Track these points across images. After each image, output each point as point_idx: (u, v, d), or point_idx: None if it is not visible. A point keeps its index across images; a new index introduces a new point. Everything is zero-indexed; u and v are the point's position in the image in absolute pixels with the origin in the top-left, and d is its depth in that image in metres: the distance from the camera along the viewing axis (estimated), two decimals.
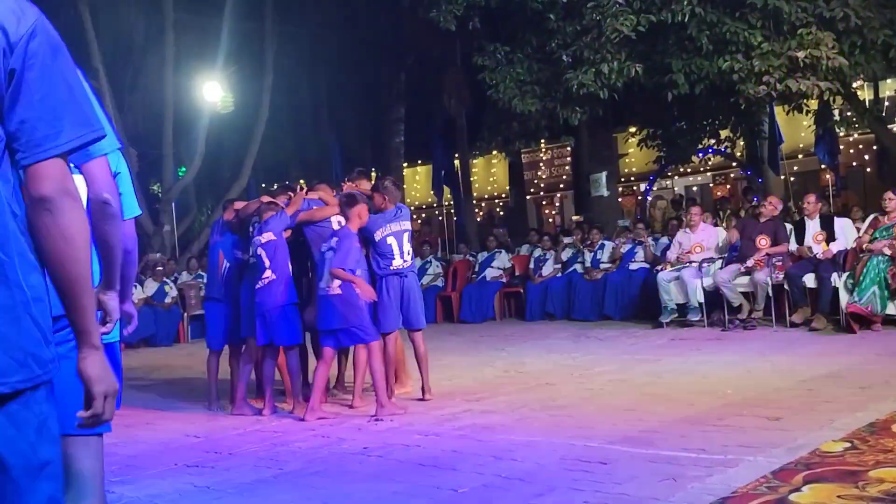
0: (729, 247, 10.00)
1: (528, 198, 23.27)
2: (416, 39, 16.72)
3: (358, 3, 17.99)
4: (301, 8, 18.08)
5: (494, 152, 18.41)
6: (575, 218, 18.98)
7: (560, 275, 12.37)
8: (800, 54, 10.04)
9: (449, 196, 18.20)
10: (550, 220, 23.89)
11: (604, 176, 14.45)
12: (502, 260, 13.38)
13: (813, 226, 9.49)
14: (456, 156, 18.03)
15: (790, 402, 5.51)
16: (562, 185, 23.07)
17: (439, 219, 21.56)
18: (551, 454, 4.59)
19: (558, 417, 5.62)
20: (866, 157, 18.10)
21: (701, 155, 18.03)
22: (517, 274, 13.16)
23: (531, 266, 12.81)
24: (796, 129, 16.36)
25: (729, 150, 16.20)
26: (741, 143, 16.11)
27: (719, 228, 10.77)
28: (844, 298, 8.60)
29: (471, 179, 19.05)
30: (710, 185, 21.12)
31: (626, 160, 20.59)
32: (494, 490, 4.03)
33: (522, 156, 21.13)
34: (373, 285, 6.40)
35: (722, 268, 9.66)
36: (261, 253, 6.49)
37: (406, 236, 6.70)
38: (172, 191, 17.66)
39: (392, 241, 6.60)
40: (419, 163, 23.73)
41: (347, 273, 6.06)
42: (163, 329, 13.26)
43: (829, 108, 13.64)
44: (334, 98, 20.35)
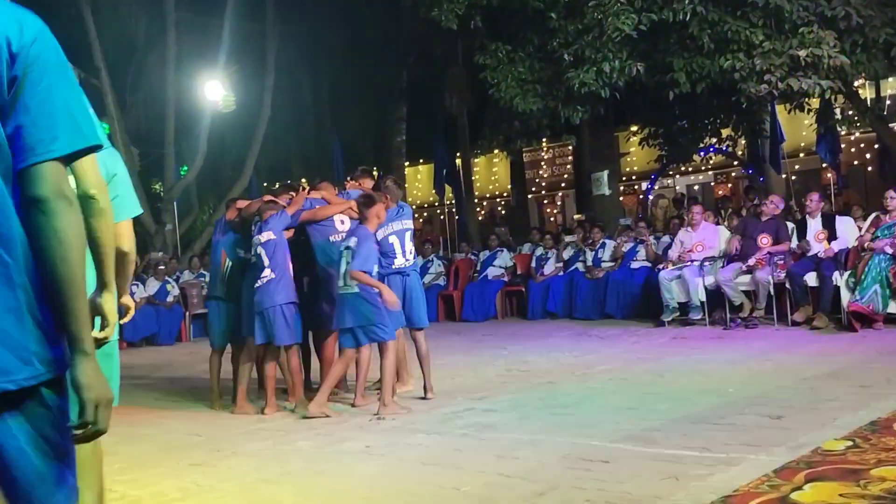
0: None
1: (529, 197, 23.29)
2: (418, 38, 16.72)
3: (359, 3, 17.97)
4: (302, 7, 18.07)
5: (496, 151, 18.38)
6: (576, 217, 18.99)
7: (562, 273, 12.38)
8: (801, 53, 10.03)
9: (450, 195, 18.19)
10: (552, 218, 23.91)
11: (605, 175, 14.46)
12: (504, 259, 13.39)
13: (814, 224, 9.49)
14: (457, 155, 18.04)
15: (792, 400, 5.51)
16: (563, 184, 23.11)
17: (441, 218, 21.57)
18: (553, 453, 4.59)
19: (560, 416, 5.63)
20: (868, 155, 18.11)
21: (702, 154, 18.01)
22: (519, 273, 13.18)
23: (533, 265, 12.83)
24: (798, 128, 16.36)
25: (730, 149, 16.18)
26: (742, 141, 16.09)
27: (721, 227, 10.77)
28: (846, 297, 8.61)
29: (472, 178, 19.07)
30: (712, 183, 21.13)
31: (628, 159, 20.60)
32: (497, 489, 4.03)
33: (524, 155, 21.14)
34: None
35: (723, 266, 9.67)
36: (260, 252, 6.50)
37: (408, 235, 6.71)
38: (174, 190, 17.69)
39: (394, 239, 6.61)
40: (421, 162, 23.75)
41: (372, 279, 6.03)
42: (165, 328, 13.31)
43: (831, 107, 13.63)
44: (336, 97, 20.33)
